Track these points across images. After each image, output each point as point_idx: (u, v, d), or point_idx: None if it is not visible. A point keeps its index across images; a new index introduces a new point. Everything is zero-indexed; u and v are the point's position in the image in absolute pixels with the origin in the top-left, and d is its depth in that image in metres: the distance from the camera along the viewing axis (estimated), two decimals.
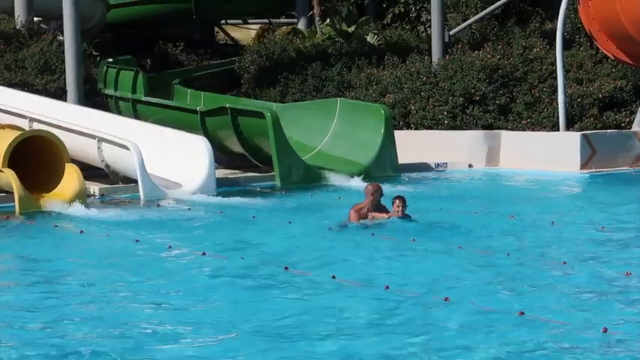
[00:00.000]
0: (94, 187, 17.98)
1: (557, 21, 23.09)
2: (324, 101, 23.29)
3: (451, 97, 23.61)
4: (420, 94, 24.13)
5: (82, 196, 16.45)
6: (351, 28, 28.67)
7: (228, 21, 39.28)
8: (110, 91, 26.85)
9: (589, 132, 21.77)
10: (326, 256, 12.34)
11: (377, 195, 14.33)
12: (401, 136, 21.90)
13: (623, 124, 22.77)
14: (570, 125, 22.31)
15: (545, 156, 21.32)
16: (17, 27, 26.74)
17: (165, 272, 11.50)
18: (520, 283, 10.58)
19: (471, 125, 23.23)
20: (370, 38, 28.69)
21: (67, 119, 19.71)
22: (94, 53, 29.67)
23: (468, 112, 23.42)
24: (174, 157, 18.77)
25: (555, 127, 22.35)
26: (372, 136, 20.94)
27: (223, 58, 32.12)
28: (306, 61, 27.07)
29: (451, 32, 26.35)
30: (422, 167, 21.82)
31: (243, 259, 12.06)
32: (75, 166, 16.84)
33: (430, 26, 27.10)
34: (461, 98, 23.54)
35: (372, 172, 20.12)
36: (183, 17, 33.21)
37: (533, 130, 22.65)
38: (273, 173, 19.50)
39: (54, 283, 11.07)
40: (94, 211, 16.01)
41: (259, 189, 19.07)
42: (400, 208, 14.17)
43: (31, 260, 12.57)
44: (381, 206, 14.39)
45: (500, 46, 25.33)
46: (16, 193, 16.14)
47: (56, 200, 16.35)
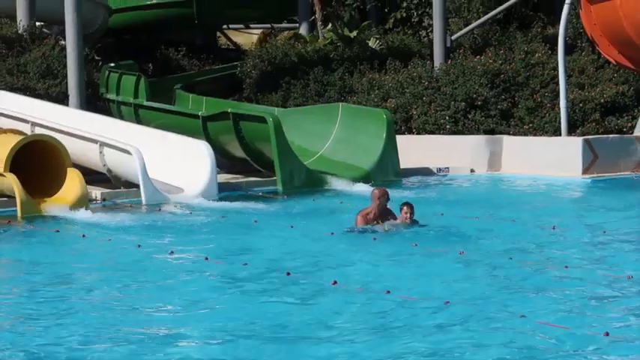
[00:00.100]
0: (96, 192, 17.98)
1: (559, 26, 23.07)
2: (326, 106, 23.29)
3: (453, 102, 23.60)
4: (421, 99, 24.11)
5: (84, 201, 16.47)
6: (353, 33, 28.66)
7: (230, 26, 39.36)
8: (112, 95, 26.90)
9: (591, 137, 21.76)
10: (327, 261, 12.33)
11: (383, 199, 14.28)
12: (403, 140, 21.91)
13: (625, 129, 22.75)
14: (572, 130, 22.29)
15: (547, 161, 21.31)
16: (19, 31, 26.76)
17: (167, 277, 11.49)
18: (522, 286, 10.58)
19: (472, 130, 23.22)
20: (372, 43, 28.69)
21: (69, 124, 19.72)
22: (96, 58, 29.68)
23: (469, 116, 23.40)
24: (176, 162, 18.78)
25: (557, 132, 22.33)
26: (374, 141, 20.94)
27: (225, 62, 32.18)
28: (308, 66, 27.07)
29: (453, 37, 26.36)
30: (424, 172, 21.80)
31: (246, 264, 12.05)
32: (77, 170, 16.86)
33: (432, 31, 27.10)
34: (463, 103, 23.52)
35: (374, 177, 20.13)
36: (185, 22, 33.28)
37: (535, 135, 22.63)
38: (275, 178, 19.51)
39: (55, 288, 11.06)
40: (96, 215, 16.03)
41: (261, 194, 19.07)
42: (408, 214, 14.18)
43: (32, 265, 12.56)
44: (387, 211, 14.39)
45: (502, 51, 25.33)
46: (17, 198, 16.15)
47: (58, 205, 16.36)
